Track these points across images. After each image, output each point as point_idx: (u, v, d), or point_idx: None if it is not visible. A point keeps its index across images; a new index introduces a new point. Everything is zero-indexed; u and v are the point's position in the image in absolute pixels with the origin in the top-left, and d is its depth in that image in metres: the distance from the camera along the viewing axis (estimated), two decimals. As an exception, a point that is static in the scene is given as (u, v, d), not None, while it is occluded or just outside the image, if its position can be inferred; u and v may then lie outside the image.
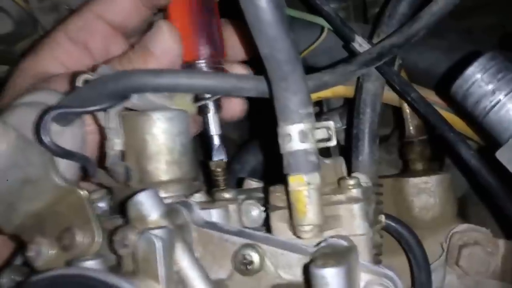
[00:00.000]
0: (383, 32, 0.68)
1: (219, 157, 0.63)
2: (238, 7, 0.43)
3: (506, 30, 0.97)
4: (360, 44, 0.65)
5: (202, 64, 0.60)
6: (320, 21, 0.73)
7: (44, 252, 0.47)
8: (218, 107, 0.62)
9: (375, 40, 0.69)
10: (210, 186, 0.61)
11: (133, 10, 0.65)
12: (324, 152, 0.51)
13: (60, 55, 0.63)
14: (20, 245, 0.63)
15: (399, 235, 0.63)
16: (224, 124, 0.64)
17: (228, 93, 0.51)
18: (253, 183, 0.62)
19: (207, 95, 0.60)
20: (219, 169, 0.64)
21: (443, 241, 0.68)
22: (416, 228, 0.66)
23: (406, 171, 0.78)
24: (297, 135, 0.45)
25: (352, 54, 0.67)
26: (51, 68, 0.63)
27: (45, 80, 0.60)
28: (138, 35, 0.67)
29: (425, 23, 0.60)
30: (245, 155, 0.96)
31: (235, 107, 0.66)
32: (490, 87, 0.52)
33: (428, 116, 0.60)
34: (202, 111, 0.60)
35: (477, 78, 0.52)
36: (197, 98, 0.60)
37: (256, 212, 0.56)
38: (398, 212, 0.70)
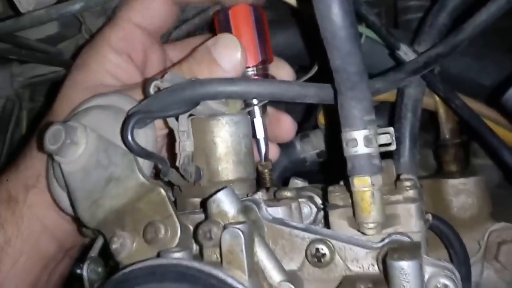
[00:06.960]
0: (424, 41, 0.71)
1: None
2: (313, 22, 0.47)
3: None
4: (405, 52, 0.67)
5: (250, 71, 0.63)
6: (360, 28, 0.77)
7: (128, 244, 0.50)
8: (264, 111, 0.64)
9: (416, 47, 0.71)
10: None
11: (165, 12, 0.67)
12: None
13: (110, 68, 0.65)
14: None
15: (440, 232, 0.65)
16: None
17: (292, 99, 0.54)
18: (298, 182, 0.66)
19: (255, 101, 0.62)
20: (266, 170, 0.68)
21: (480, 238, 0.69)
22: (454, 226, 0.66)
23: (440, 172, 0.79)
24: (362, 140, 0.48)
25: (398, 61, 0.69)
26: (104, 80, 0.65)
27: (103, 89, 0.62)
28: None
29: (469, 34, 0.62)
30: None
31: (286, 129, 0.70)
32: (541, 96, 0.56)
33: (471, 122, 0.63)
34: (250, 115, 0.62)
35: (529, 88, 0.55)
36: (246, 104, 0.62)
37: (307, 209, 0.59)
38: (437, 211, 0.71)
